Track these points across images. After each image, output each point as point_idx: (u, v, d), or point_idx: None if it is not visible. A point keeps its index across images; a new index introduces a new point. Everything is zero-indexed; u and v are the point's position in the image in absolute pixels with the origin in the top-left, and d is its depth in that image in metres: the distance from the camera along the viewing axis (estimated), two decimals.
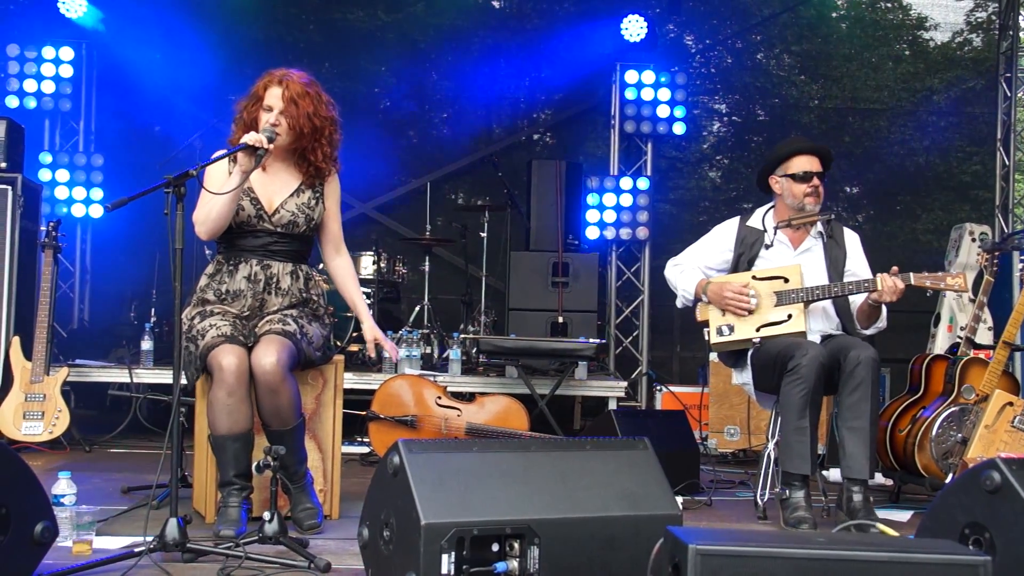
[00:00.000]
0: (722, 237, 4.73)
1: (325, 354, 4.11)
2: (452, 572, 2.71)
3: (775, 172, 4.65)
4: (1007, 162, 8.72)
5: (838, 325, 4.56)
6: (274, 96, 3.93)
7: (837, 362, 4.26)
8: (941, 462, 4.73)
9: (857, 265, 4.62)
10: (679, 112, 8.40)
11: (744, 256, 4.63)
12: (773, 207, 4.70)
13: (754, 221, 4.70)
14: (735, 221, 4.77)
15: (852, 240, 4.69)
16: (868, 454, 4.17)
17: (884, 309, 4.47)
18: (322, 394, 4.18)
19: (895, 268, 4.30)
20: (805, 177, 4.53)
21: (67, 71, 8.09)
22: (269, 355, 3.73)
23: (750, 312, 4.41)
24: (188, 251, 3.89)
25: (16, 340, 5.86)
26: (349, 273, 4.32)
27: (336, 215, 4.22)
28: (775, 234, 4.58)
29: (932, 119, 9.78)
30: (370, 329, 4.21)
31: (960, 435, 4.71)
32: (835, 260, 4.58)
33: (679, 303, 4.75)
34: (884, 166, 9.76)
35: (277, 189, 4.02)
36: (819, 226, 4.61)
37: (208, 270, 4.04)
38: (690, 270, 4.68)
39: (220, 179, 3.87)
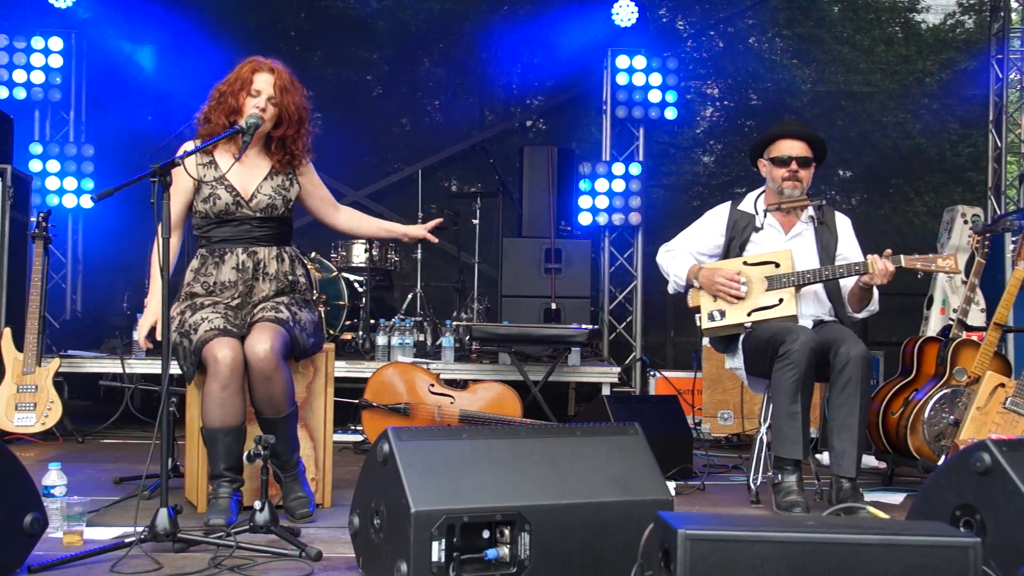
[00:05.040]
0: (713, 222, 4.72)
1: (317, 340, 4.09)
2: (442, 559, 2.71)
3: (763, 155, 4.64)
4: (999, 144, 8.71)
5: (830, 310, 4.55)
6: (264, 82, 3.92)
7: (827, 354, 4.25)
8: (933, 444, 4.73)
9: (848, 249, 4.61)
10: (671, 97, 8.37)
11: (735, 240, 4.62)
12: (764, 191, 4.68)
13: (745, 205, 4.69)
14: (726, 206, 4.76)
15: (843, 224, 4.68)
16: (855, 453, 4.17)
17: (876, 292, 4.47)
18: (313, 382, 4.17)
19: (888, 251, 4.29)
20: (785, 161, 4.52)
21: (56, 61, 8.05)
22: (263, 342, 3.72)
23: (740, 299, 4.41)
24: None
25: (7, 331, 5.84)
26: (357, 215, 4.43)
27: (320, 184, 4.24)
28: (765, 217, 4.57)
29: (925, 101, 9.78)
30: (411, 228, 4.47)
31: (952, 417, 4.71)
32: (826, 244, 4.57)
33: (671, 289, 4.74)
34: (877, 149, 9.76)
35: (250, 175, 4.00)
36: (810, 210, 4.60)
37: (193, 265, 4.01)
38: (682, 256, 4.66)
39: (184, 178, 3.85)
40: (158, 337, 3.73)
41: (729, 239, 4.63)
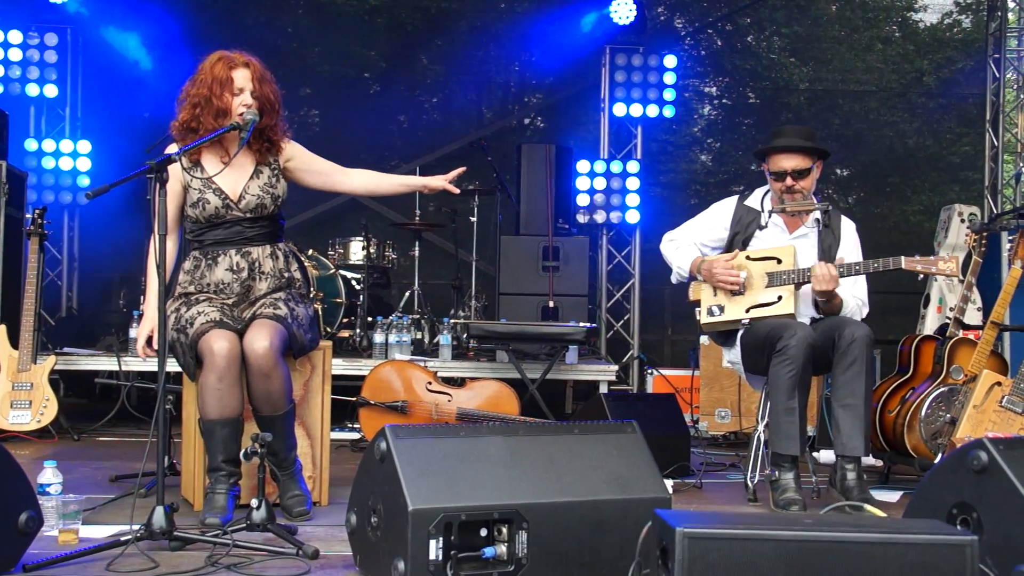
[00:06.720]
0: (719, 215, 4.71)
1: (314, 336, 4.08)
2: (440, 558, 2.71)
3: (764, 161, 4.64)
4: (996, 143, 8.70)
5: None
6: (244, 78, 3.87)
7: (831, 341, 4.24)
8: (930, 442, 4.73)
9: (848, 253, 4.58)
10: (669, 95, 8.36)
11: (739, 236, 4.61)
12: (770, 190, 4.67)
13: (752, 201, 4.68)
14: (733, 200, 4.75)
15: (847, 228, 4.66)
16: (862, 432, 4.16)
17: (849, 304, 4.42)
18: (310, 380, 4.15)
19: (841, 258, 4.31)
20: (780, 176, 4.51)
21: (52, 56, 8.03)
22: (261, 339, 3.70)
23: (739, 289, 4.39)
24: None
25: (2, 329, 5.82)
26: (372, 175, 4.35)
27: (314, 158, 4.17)
28: (770, 217, 4.56)
29: (922, 100, 9.78)
30: (430, 180, 4.30)
31: (949, 415, 4.71)
32: (827, 247, 4.55)
33: (674, 279, 4.73)
34: (874, 148, 9.76)
35: (236, 175, 3.95)
36: (817, 214, 4.58)
37: (185, 266, 3.99)
38: (685, 247, 4.65)
39: (174, 180, 3.84)
40: (155, 345, 3.71)
41: (733, 233, 4.62)
